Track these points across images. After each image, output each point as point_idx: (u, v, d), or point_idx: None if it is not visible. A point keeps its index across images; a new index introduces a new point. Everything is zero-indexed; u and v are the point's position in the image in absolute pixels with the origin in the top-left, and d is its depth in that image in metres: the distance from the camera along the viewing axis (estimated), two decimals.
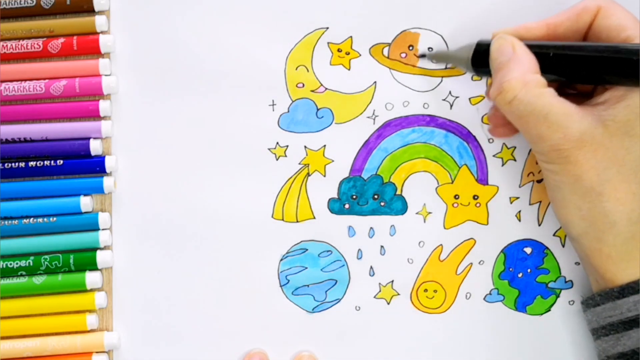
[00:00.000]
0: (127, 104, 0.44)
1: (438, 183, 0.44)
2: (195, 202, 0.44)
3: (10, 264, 0.43)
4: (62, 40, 0.44)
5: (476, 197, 0.44)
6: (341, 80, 0.44)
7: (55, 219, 0.43)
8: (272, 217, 0.44)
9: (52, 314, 0.43)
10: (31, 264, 0.43)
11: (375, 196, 0.44)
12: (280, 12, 0.44)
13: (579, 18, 0.39)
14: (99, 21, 0.44)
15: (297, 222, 0.44)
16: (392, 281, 0.44)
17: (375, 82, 0.44)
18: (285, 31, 0.44)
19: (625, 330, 0.37)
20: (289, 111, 0.44)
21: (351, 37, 0.44)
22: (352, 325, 0.44)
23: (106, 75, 0.44)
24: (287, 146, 0.44)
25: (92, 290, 0.43)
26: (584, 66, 0.37)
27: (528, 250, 0.44)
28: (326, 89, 0.44)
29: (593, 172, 0.37)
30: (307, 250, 0.44)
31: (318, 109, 0.44)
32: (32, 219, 0.43)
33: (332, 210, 0.44)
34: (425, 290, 0.44)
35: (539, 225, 0.44)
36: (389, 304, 0.44)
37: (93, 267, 0.43)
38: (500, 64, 0.38)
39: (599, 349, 0.39)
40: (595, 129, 0.37)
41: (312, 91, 0.44)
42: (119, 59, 0.44)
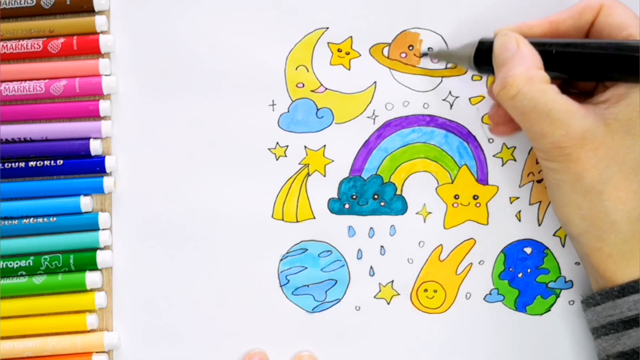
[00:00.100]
0: (127, 104, 0.44)
1: (438, 183, 0.44)
2: (195, 202, 0.44)
3: (10, 264, 0.43)
4: (62, 40, 0.44)
5: (476, 197, 0.44)
6: (341, 80, 0.44)
7: (55, 219, 0.43)
8: (272, 217, 0.44)
9: (52, 314, 0.43)
10: (31, 264, 0.43)
11: (375, 196, 0.44)
12: (280, 12, 0.44)
13: (581, 16, 0.39)
14: (99, 21, 0.44)
15: (297, 222, 0.44)
16: (392, 281, 0.44)
17: (375, 82, 0.44)
18: (285, 31, 0.44)
19: (625, 330, 0.37)
20: (289, 111, 0.44)
21: (351, 37, 0.44)
22: (352, 325, 0.44)
23: (106, 75, 0.44)
24: (287, 146, 0.44)
25: (92, 290, 0.43)
26: (586, 63, 0.37)
27: (528, 250, 0.44)
28: (326, 89, 0.44)
29: (594, 171, 0.37)
30: (307, 250, 0.44)
31: (318, 109, 0.44)
32: (32, 219, 0.43)
33: (332, 210, 0.44)
34: (425, 290, 0.44)
35: (539, 225, 0.44)
36: (389, 304, 0.44)
37: (93, 267, 0.43)
38: (504, 59, 0.38)
39: (599, 348, 0.39)
40: (597, 127, 0.37)
41: (312, 91, 0.44)
42: (119, 59, 0.44)
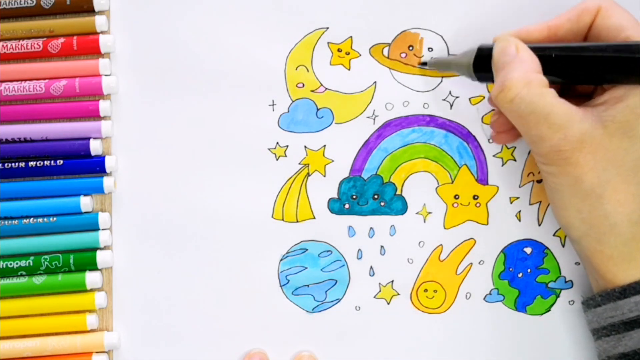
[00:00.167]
0: (127, 104, 0.44)
1: (438, 183, 0.44)
2: (195, 202, 0.44)
3: (10, 264, 0.43)
4: (62, 40, 0.44)
5: (476, 197, 0.44)
6: (341, 80, 0.44)
7: (55, 219, 0.43)
8: (272, 217, 0.44)
9: (52, 314, 0.43)
10: (31, 264, 0.43)
11: (375, 196, 0.44)
12: (280, 12, 0.44)
13: (579, 19, 0.39)
14: (99, 21, 0.44)
15: (297, 222, 0.44)
16: (392, 281, 0.44)
17: (375, 82, 0.44)
18: (285, 31, 0.44)
19: (626, 331, 0.37)
20: (289, 111, 0.44)
21: (351, 37, 0.44)
22: (352, 325, 0.44)
23: (106, 75, 0.44)
24: (287, 146, 0.44)
25: (92, 290, 0.43)
26: (586, 66, 0.37)
27: (528, 250, 0.44)
28: (326, 89, 0.44)
29: (593, 174, 0.37)
30: (307, 250, 0.44)
31: (318, 109, 0.44)
32: (32, 219, 0.43)
33: (332, 210, 0.44)
34: (425, 290, 0.44)
35: (539, 225, 0.44)
36: (389, 304, 0.44)
37: (93, 267, 0.43)
38: (503, 63, 0.38)
39: (600, 350, 0.39)
40: (595, 130, 0.37)
41: (312, 91, 0.44)
42: (119, 59, 0.44)
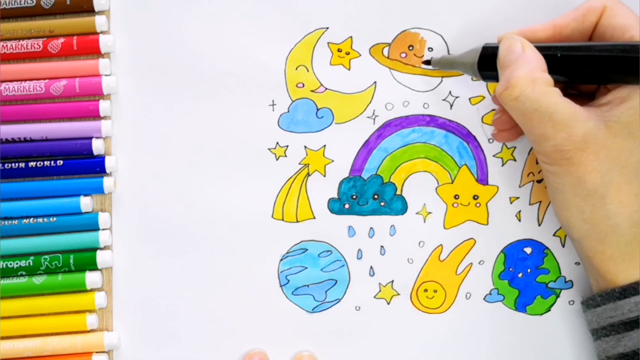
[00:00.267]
0: (127, 104, 0.44)
1: (438, 183, 0.44)
2: (195, 202, 0.44)
3: (10, 264, 0.43)
4: (62, 40, 0.44)
5: (476, 197, 0.44)
6: (341, 80, 0.44)
7: (55, 219, 0.43)
8: (272, 217, 0.44)
9: (52, 314, 0.43)
10: (31, 264, 0.43)
11: (375, 196, 0.44)
12: (280, 12, 0.44)
13: (584, 18, 0.39)
14: (99, 21, 0.44)
15: (297, 222, 0.44)
16: (392, 281, 0.44)
17: (375, 82, 0.44)
18: (285, 31, 0.44)
19: (626, 331, 0.37)
20: (289, 111, 0.44)
21: (351, 37, 0.44)
22: (352, 325, 0.44)
23: (106, 75, 0.44)
24: (287, 146, 0.44)
25: (92, 290, 0.43)
26: (591, 66, 0.37)
27: (528, 250, 0.44)
28: (326, 89, 0.44)
29: (596, 174, 0.37)
30: (307, 250, 0.44)
31: (318, 109, 0.44)
32: (32, 219, 0.43)
33: (332, 210, 0.44)
34: (425, 290, 0.44)
35: (539, 225, 0.44)
36: (389, 304, 0.44)
37: (93, 267, 0.43)
38: (509, 61, 0.38)
39: (599, 350, 0.39)
40: (598, 130, 0.37)
41: (312, 91, 0.44)
42: (119, 59, 0.44)
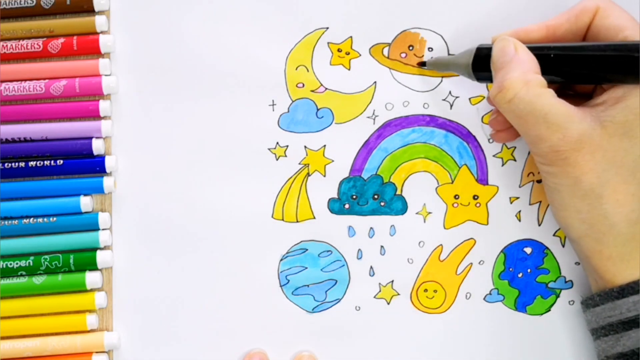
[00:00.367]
0: (127, 104, 0.44)
1: (438, 183, 0.44)
2: (195, 202, 0.44)
3: (10, 264, 0.43)
4: (62, 40, 0.44)
5: (476, 197, 0.44)
6: (341, 80, 0.44)
7: (55, 219, 0.43)
8: (272, 217, 0.44)
9: (52, 314, 0.43)
10: (31, 264, 0.43)
11: (375, 196, 0.44)
12: (280, 12, 0.44)
13: (578, 19, 0.39)
14: (99, 21, 0.44)
15: (297, 222, 0.44)
16: (392, 281, 0.44)
17: (375, 82, 0.44)
18: (285, 31, 0.44)
19: (624, 331, 0.37)
20: (289, 111, 0.44)
21: (351, 37, 0.44)
22: (352, 325, 0.44)
23: (106, 75, 0.44)
24: (287, 146, 0.44)
25: (92, 290, 0.43)
26: (585, 66, 0.37)
27: (528, 250, 0.44)
28: (326, 89, 0.44)
29: (592, 174, 0.37)
30: (307, 250, 0.44)
31: (318, 109, 0.44)
32: (32, 219, 0.43)
33: (332, 210, 0.44)
34: (425, 290, 0.44)
35: (539, 225, 0.44)
36: (389, 304, 0.44)
37: (93, 267, 0.43)
38: (502, 63, 0.38)
39: (599, 349, 0.39)
40: (594, 130, 0.37)
41: (312, 91, 0.44)
42: (119, 59, 0.44)
